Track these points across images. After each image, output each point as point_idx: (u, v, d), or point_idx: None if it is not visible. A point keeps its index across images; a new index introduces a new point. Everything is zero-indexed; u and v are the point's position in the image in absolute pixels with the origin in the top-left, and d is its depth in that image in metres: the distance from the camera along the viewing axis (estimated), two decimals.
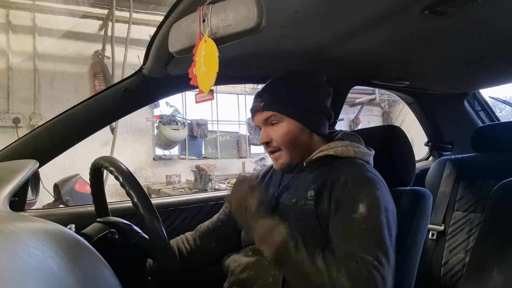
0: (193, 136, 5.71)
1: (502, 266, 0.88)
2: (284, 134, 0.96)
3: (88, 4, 4.64)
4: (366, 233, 0.80)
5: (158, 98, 1.23)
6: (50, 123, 1.05)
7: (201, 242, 1.10)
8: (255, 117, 1.01)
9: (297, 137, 0.97)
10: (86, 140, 1.09)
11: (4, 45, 4.52)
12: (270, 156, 1.03)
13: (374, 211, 0.83)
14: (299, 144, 0.98)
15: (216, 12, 0.67)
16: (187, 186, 4.56)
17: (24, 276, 0.33)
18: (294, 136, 0.97)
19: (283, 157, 0.98)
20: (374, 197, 0.85)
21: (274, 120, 0.97)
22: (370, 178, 0.89)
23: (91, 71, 4.99)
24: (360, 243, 0.79)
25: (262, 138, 0.99)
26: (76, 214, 1.11)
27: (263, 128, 1.00)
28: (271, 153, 1.00)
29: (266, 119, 0.98)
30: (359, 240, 0.79)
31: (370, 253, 0.77)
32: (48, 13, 4.58)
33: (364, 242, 0.79)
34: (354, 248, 0.78)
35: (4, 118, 4.48)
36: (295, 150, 0.98)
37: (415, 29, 0.95)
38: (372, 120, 7.59)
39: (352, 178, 0.89)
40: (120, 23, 4.83)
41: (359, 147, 0.99)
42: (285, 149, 0.97)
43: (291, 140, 0.96)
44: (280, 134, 0.96)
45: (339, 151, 0.96)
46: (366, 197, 0.84)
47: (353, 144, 0.99)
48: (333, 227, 0.85)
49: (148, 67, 1.02)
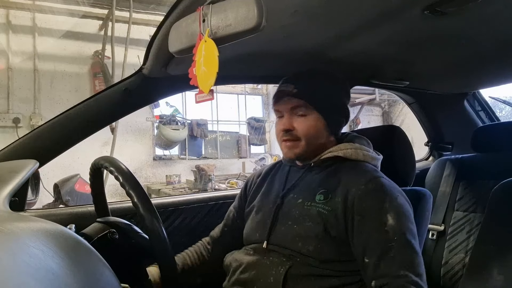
0: (193, 136, 5.71)
1: (502, 266, 0.88)
2: (310, 127, 0.95)
3: (88, 4, 4.63)
4: (398, 249, 0.79)
5: (158, 98, 1.23)
6: (50, 123, 1.05)
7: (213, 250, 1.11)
8: (281, 102, 0.98)
9: (319, 133, 0.97)
10: (86, 140, 1.09)
11: (4, 45, 4.52)
12: (283, 144, 0.99)
13: (402, 219, 0.83)
14: (318, 140, 0.97)
15: (216, 12, 0.67)
16: (187, 186, 4.56)
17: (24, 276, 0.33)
18: (317, 132, 0.96)
19: (299, 147, 0.97)
20: (399, 205, 0.85)
21: (301, 111, 0.96)
22: (389, 185, 0.88)
23: (91, 71, 4.99)
24: (392, 261, 0.78)
25: (284, 124, 0.97)
26: (76, 214, 1.10)
27: (286, 114, 0.97)
28: (287, 141, 0.97)
29: (295, 107, 0.96)
30: (391, 258, 0.79)
31: (407, 269, 0.77)
32: (48, 13, 4.58)
33: (397, 260, 0.78)
34: (388, 270, 0.78)
35: (4, 118, 4.48)
36: (312, 145, 0.97)
37: (415, 29, 0.95)
38: (372, 120, 7.58)
39: (371, 186, 0.87)
40: (120, 23, 4.82)
41: (368, 151, 0.98)
42: (305, 141, 0.96)
43: (314, 134, 0.96)
44: (306, 126, 0.95)
45: (348, 153, 0.96)
46: (391, 207, 0.83)
47: (362, 148, 0.98)
48: (365, 243, 0.82)
49: (148, 67, 1.02)
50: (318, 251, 0.86)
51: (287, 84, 0.98)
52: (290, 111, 0.97)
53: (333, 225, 0.86)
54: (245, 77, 1.45)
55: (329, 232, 0.86)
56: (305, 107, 0.95)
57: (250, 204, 1.09)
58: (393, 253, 0.79)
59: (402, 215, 0.83)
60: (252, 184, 1.15)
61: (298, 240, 0.89)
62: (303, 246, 0.88)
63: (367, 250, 0.81)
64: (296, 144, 0.97)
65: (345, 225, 0.86)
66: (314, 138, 0.97)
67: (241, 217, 1.12)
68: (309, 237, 0.88)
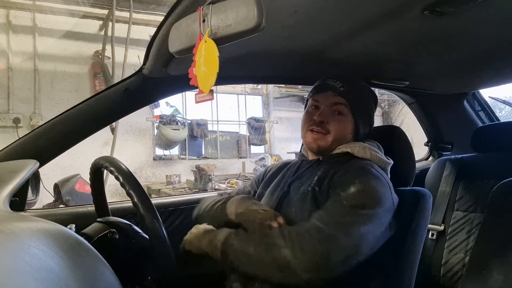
0: (193, 136, 5.71)
1: (502, 266, 0.88)
2: (343, 127, 1.00)
3: (88, 4, 4.63)
4: (341, 208, 0.82)
5: (158, 98, 1.23)
6: (50, 123, 1.05)
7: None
8: (324, 94, 1.02)
9: (346, 135, 1.02)
10: (86, 140, 1.09)
11: (4, 45, 4.52)
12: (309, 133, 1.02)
13: (364, 196, 0.84)
14: (342, 141, 1.01)
15: (216, 12, 0.67)
16: (187, 186, 4.56)
17: (24, 276, 0.33)
18: (346, 133, 1.02)
19: (325, 141, 1.00)
20: (371, 187, 0.86)
21: (340, 110, 1.00)
22: (373, 173, 0.90)
23: (91, 71, 4.99)
24: (328, 214, 0.81)
25: (322, 115, 1.00)
26: (76, 214, 1.11)
27: (325, 108, 1.01)
28: (316, 132, 1.00)
29: (336, 104, 1.00)
30: (328, 212, 0.82)
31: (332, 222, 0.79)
32: (48, 13, 4.58)
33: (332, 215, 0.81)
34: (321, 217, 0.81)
35: (4, 118, 4.48)
36: (336, 142, 1.00)
37: (415, 29, 0.95)
38: None
39: (354, 169, 0.91)
40: (120, 23, 4.82)
41: (377, 152, 1.00)
42: (333, 136, 1.00)
43: (343, 134, 1.01)
44: (340, 125, 1.00)
45: (356, 150, 0.99)
46: (361, 182, 0.86)
47: (371, 148, 1.00)
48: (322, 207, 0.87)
49: (148, 67, 1.02)
50: None
51: (335, 80, 1.02)
52: (329, 106, 1.01)
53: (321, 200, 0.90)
54: (245, 77, 1.46)
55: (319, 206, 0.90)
56: (345, 107, 1.00)
57: (263, 188, 1.12)
58: (334, 208, 0.82)
59: (367, 193, 0.84)
60: (270, 170, 1.18)
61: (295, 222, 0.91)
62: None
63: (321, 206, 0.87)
64: (323, 137, 1.00)
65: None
66: (341, 138, 1.01)
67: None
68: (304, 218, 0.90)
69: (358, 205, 0.82)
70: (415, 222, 0.99)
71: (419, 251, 1.00)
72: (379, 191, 0.87)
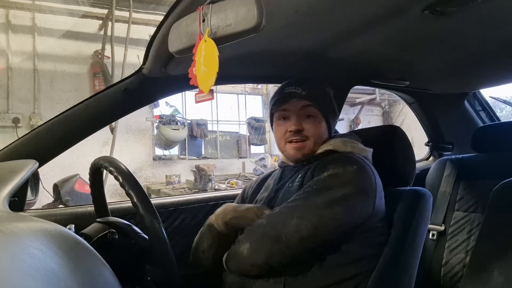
0: (193, 136, 5.71)
1: (502, 266, 0.88)
2: (318, 127, 1.02)
3: (88, 4, 4.63)
4: (308, 192, 0.86)
5: (158, 98, 1.22)
6: (50, 123, 1.05)
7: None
8: (290, 102, 1.02)
9: (323, 134, 1.04)
10: (86, 140, 1.09)
11: (4, 45, 4.52)
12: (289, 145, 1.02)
13: (333, 178, 0.86)
14: (322, 140, 1.03)
15: (216, 12, 0.67)
16: (187, 186, 4.56)
17: (24, 276, 0.33)
18: (323, 132, 1.03)
19: (307, 147, 1.01)
20: (344, 170, 0.88)
21: (310, 112, 1.01)
22: (350, 159, 0.92)
23: (90, 71, 4.99)
24: (292, 200, 0.86)
25: (295, 124, 1.00)
26: (76, 214, 1.10)
27: (294, 116, 1.01)
28: (297, 142, 1.01)
29: (304, 108, 1.01)
30: (294, 198, 0.86)
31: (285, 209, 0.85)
32: (48, 13, 4.58)
33: (294, 200, 0.85)
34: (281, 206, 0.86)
35: (4, 118, 4.48)
36: (317, 144, 1.02)
37: (415, 29, 0.95)
38: (372, 120, 7.58)
39: (333, 159, 0.94)
40: (120, 23, 4.82)
41: (356, 143, 1.03)
42: (313, 139, 1.01)
43: (321, 134, 1.02)
44: (314, 126, 1.01)
45: (337, 146, 1.01)
46: (334, 168, 0.88)
47: (351, 141, 1.03)
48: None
49: (148, 67, 1.02)
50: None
51: (294, 86, 1.02)
52: (298, 112, 1.01)
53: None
54: (245, 77, 1.46)
55: None
56: (313, 107, 1.01)
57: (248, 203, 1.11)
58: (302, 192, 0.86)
59: (341, 176, 0.86)
60: (250, 189, 1.18)
61: None
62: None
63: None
64: (304, 145, 1.01)
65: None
66: (320, 137, 1.02)
67: None
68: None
69: (323, 187, 0.85)
70: (415, 222, 0.98)
71: (419, 251, 1.00)
72: (352, 174, 0.88)
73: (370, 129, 1.27)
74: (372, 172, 0.92)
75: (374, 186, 0.90)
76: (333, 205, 0.83)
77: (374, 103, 7.37)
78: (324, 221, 0.82)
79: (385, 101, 7.50)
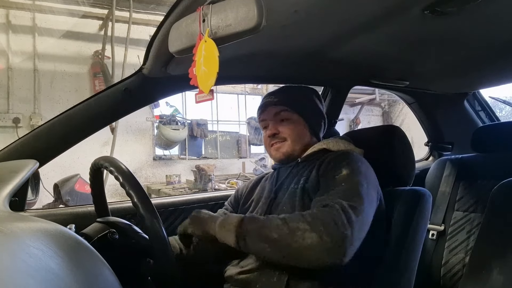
0: (193, 136, 5.71)
1: (502, 266, 0.88)
2: (293, 127, 1.07)
3: (88, 4, 4.64)
4: (344, 188, 0.85)
5: (158, 98, 1.23)
6: (50, 123, 1.05)
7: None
8: (266, 111, 1.11)
9: (302, 133, 1.08)
10: (86, 140, 1.09)
11: (4, 45, 4.52)
12: (271, 149, 1.09)
13: (355, 174, 0.89)
14: (302, 139, 1.08)
15: (216, 12, 0.67)
16: (187, 186, 4.56)
17: (24, 276, 0.33)
18: (300, 131, 1.08)
19: (286, 146, 1.07)
20: (356, 166, 0.92)
21: (285, 116, 1.08)
22: (354, 155, 0.97)
23: (91, 71, 4.99)
24: (335, 194, 0.84)
25: (270, 129, 1.08)
26: (76, 214, 1.10)
27: (271, 122, 1.09)
28: (274, 144, 1.08)
29: (278, 113, 1.08)
30: (335, 193, 0.84)
31: (343, 198, 0.81)
32: (48, 13, 4.58)
33: (339, 194, 0.83)
34: (328, 198, 0.83)
35: (4, 118, 4.48)
36: (297, 143, 1.07)
37: (415, 29, 0.95)
38: (372, 120, 7.58)
39: (337, 155, 0.99)
40: (120, 23, 4.83)
41: (349, 143, 1.09)
42: (290, 140, 1.07)
43: (298, 133, 1.07)
44: (289, 127, 1.07)
45: (331, 145, 1.07)
46: (348, 164, 0.92)
47: (343, 141, 1.08)
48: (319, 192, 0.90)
49: (148, 67, 1.02)
50: None
51: (269, 96, 1.12)
52: (274, 118, 1.09)
53: (312, 194, 0.93)
54: (245, 77, 1.46)
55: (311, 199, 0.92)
56: (287, 111, 1.07)
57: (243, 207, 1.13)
58: (337, 190, 0.86)
59: (355, 172, 0.90)
60: (244, 189, 1.19)
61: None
62: None
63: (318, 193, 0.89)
64: (283, 144, 1.07)
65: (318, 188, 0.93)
66: (299, 137, 1.08)
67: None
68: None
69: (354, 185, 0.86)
70: (415, 222, 0.99)
71: (419, 251, 1.00)
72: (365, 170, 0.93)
73: (369, 129, 1.27)
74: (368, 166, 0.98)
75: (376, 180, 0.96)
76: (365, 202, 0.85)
77: (374, 103, 7.37)
78: (367, 216, 0.84)
79: (385, 101, 7.50)
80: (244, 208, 1.12)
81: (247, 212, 1.08)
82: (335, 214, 0.77)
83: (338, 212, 0.77)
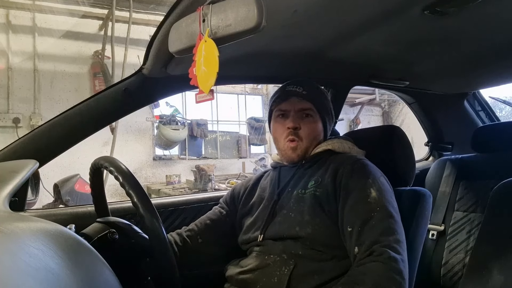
0: (193, 136, 5.71)
1: (502, 266, 0.88)
2: (314, 128, 1.05)
3: (88, 4, 4.64)
4: (380, 217, 0.85)
5: (158, 98, 1.22)
6: (50, 123, 1.05)
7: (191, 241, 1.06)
8: (289, 101, 1.04)
9: (319, 135, 1.07)
10: (86, 140, 1.09)
11: (4, 45, 4.52)
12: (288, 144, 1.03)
13: (384, 193, 0.89)
14: (315, 141, 1.06)
15: (216, 12, 0.67)
16: (187, 186, 4.56)
17: (24, 276, 0.33)
18: (318, 134, 1.06)
19: (301, 148, 1.03)
20: (381, 182, 0.92)
21: (309, 113, 1.04)
22: (372, 166, 0.96)
23: (91, 71, 4.99)
24: (374, 230, 0.83)
25: (293, 122, 1.02)
26: (76, 214, 1.10)
27: (293, 114, 1.03)
28: (292, 141, 1.03)
29: (304, 108, 1.04)
30: (373, 227, 0.83)
31: (386, 235, 0.81)
32: (48, 13, 4.58)
33: (378, 230, 0.83)
34: (369, 238, 0.82)
35: (4, 118, 4.48)
36: (312, 145, 1.05)
37: (415, 29, 0.95)
38: (372, 120, 7.58)
39: (356, 165, 0.95)
40: (120, 23, 4.82)
41: (352, 145, 1.08)
42: (307, 140, 1.04)
43: (315, 136, 1.05)
44: (312, 127, 1.04)
45: (336, 146, 1.05)
46: (374, 182, 0.91)
47: (347, 142, 1.08)
48: (349, 213, 0.88)
49: (148, 67, 1.02)
50: (315, 233, 0.89)
51: (296, 86, 1.05)
52: (298, 111, 1.04)
53: (325, 203, 0.92)
54: (245, 77, 1.45)
55: (324, 208, 0.91)
56: (312, 110, 1.04)
57: (243, 209, 1.10)
58: (374, 222, 0.84)
59: (384, 190, 0.90)
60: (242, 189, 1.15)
61: (295, 225, 0.92)
62: (301, 230, 0.91)
63: (350, 220, 0.87)
64: (299, 145, 1.03)
65: (335, 202, 0.91)
66: (315, 138, 1.05)
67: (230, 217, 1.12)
68: (305, 220, 0.91)
69: (388, 211, 0.86)
70: (415, 222, 0.99)
71: (419, 251, 1.00)
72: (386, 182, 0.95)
73: (369, 129, 1.27)
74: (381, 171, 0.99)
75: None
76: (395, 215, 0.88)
77: (374, 103, 7.37)
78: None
79: (385, 101, 7.50)
80: (244, 211, 1.09)
81: (248, 216, 1.07)
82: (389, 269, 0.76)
83: (391, 265, 0.77)
